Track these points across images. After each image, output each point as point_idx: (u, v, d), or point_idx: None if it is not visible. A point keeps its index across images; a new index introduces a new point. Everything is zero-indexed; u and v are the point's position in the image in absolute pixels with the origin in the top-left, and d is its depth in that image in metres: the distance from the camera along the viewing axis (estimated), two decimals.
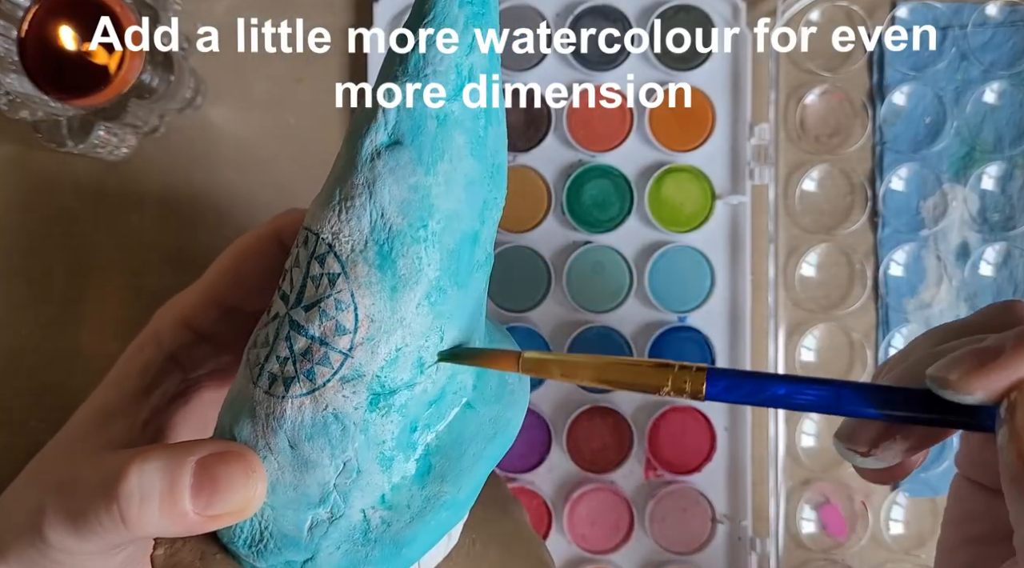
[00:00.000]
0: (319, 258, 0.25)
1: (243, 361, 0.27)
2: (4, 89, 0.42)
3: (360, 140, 0.25)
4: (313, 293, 0.25)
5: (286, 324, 0.25)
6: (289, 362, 0.25)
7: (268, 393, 0.25)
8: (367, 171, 0.24)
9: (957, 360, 0.24)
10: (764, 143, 0.48)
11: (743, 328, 0.48)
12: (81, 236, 0.50)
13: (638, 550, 0.48)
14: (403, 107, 0.25)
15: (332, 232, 0.24)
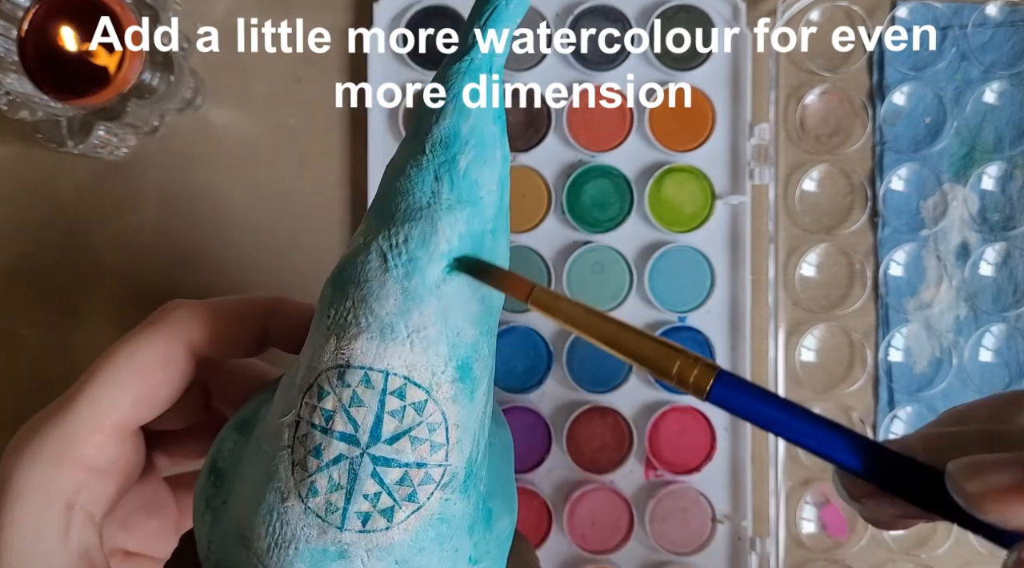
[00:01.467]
0: (396, 393, 0.25)
1: (280, 513, 0.25)
2: (4, 89, 0.42)
3: (418, 270, 0.25)
4: (397, 426, 0.25)
5: (367, 462, 0.25)
6: (383, 495, 0.25)
7: (363, 531, 0.25)
8: (435, 301, 0.25)
9: (984, 466, 0.21)
10: (764, 143, 0.48)
11: (743, 328, 0.48)
12: (81, 236, 0.50)
13: (638, 550, 0.48)
14: (465, 235, 0.25)
15: (407, 366, 0.25)
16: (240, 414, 0.29)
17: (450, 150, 0.25)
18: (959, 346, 0.49)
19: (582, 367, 0.48)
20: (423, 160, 0.25)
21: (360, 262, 0.25)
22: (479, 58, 0.26)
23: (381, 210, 0.26)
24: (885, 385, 0.49)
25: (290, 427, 0.25)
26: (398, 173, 0.26)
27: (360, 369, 0.24)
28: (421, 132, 0.26)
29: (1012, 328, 0.49)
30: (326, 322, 0.25)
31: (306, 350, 0.26)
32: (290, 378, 0.26)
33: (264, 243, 0.50)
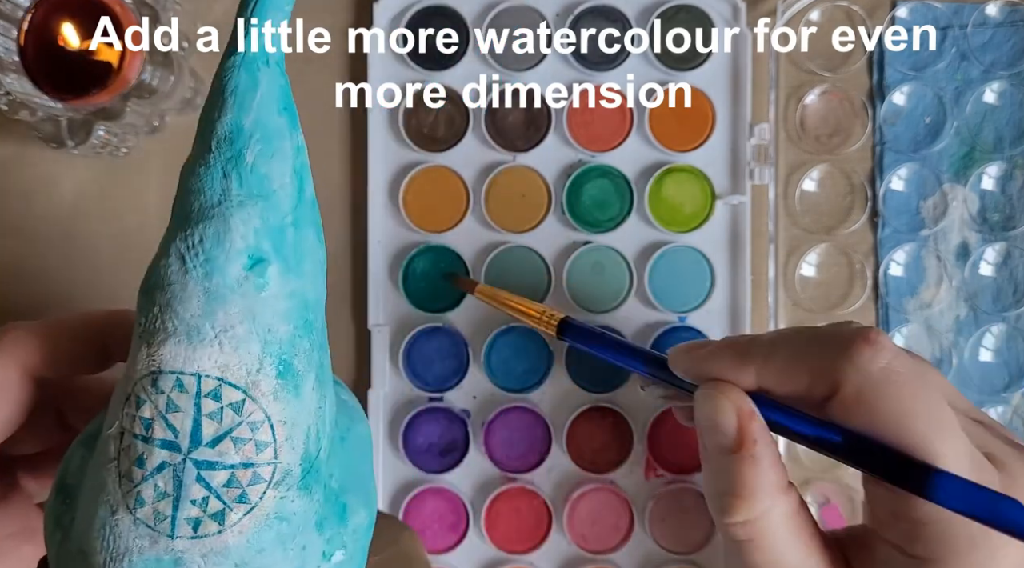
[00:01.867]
0: (211, 394, 0.24)
1: (112, 526, 0.25)
2: (4, 89, 0.42)
3: (217, 269, 0.24)
4: (217, 428, 0.24)
5: (190, 467, 0.24)
6: (211, 498, 0.24)
7: (196, 537, 0.24)
8: (239, 299, 0.24)
9: (684, 346, 0.34)
10: (764, 143, 0.48)
11: (743, 328, 0.48)
12: (81, 236, 0.50)
13: (638, 550, 0.48)
14: (261, 230, 0.25)
15: (218, 366, 0.24)
16: (87, 430, 0.28)
17: (235, 146, 0.25)
18: (959, 346, 0.49)
19: (582, 367, 0.48)
20: (210, 158, 0.25)
21: (162, 266, 0.25)
22: (249, 52, 0.25)
23: (178, 212, 0.26)
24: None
25: (115, 439, 0.25)
26: (189, 173, 0.25)
27: (172, 374, 0.24)
28: (207, 130, 0.25)
29: (1012, 328, 0.49)
30: (138, 330, 0.25)
31: (128, 361, 0.25)
32: (119, 389, 0.26)
33: None
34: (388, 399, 0.49)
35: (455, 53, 0.49)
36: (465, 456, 0.48)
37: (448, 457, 0.49)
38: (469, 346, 0.49)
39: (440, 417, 0.49)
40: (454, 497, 0.48)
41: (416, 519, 0.48)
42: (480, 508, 0.48)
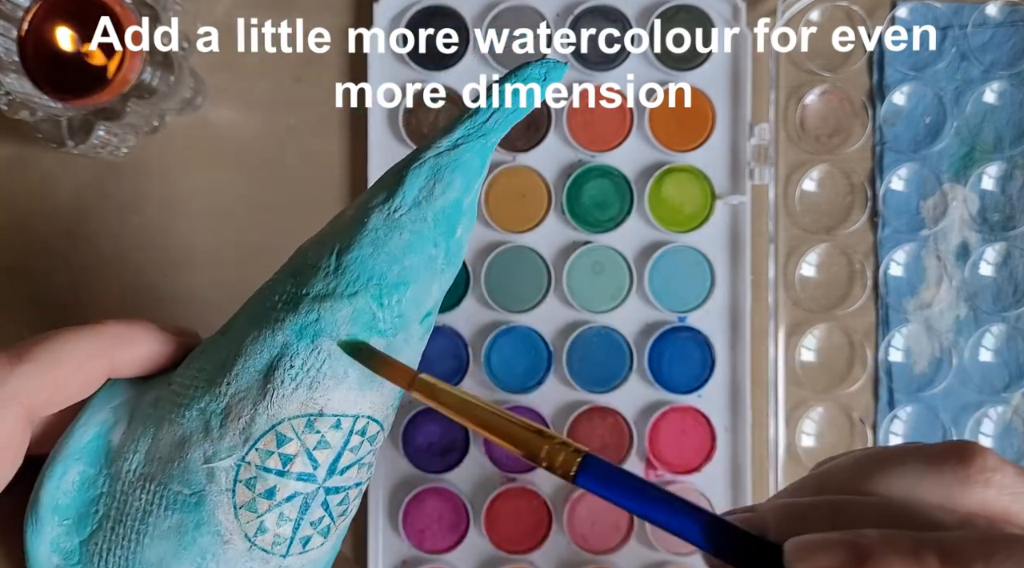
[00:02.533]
0: (360, 431, 0.26)
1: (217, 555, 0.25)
2: (4, 89, 0.42)
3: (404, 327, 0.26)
4: (351, 458, 0.26)
5: (320, 495, 0.25)
6: (325, 518, 0.26)
7: (303, 552, 0.26)
8: (406, 347, 0.26)
9: (815, 546, 0.21)
10: (764, 143, 0.48)
11: (743, 328, 0.48)
12: (81, 236, 0.50)
13: (638, 550, 0.48)
14: (441, 294, 0.27)
15: (371, 406, 0.26)
16: (75, 443, 0.27)
17: (451, 222, 0.26)
18: (959, 346, 0.49)
19: (582, 367, 0.48)
20: (424, 228, 0.26)
21: (341, 316, 0.25)
22: (492, 141, 0.27)
23: (361, 265, 0.25)
24: (885, 385, 0.49)
25: (227, 471, 0.25)
26: (386, 232, 0.26)
27: (333, 416, 0.25)
28: (421, 200, 0.26)
29: (1012, 328, 0.49)
30: (289, 369, 0.25)
31: (235, 389, 0.25)
32: (197, 414, 0.25)
33: (264, 243, 0.50)
34: None
35: (455, 53, 0.49)
36: (465, 456, 0.48)
37: (448, 457, 0.49)
38: (469, 346, 0.49)
39: (440, 417, 0.49)
40: (454, 497, 0.48)
41: (416, 519, 0.48)
42: (480, 508, 0.48)
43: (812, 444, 0.49)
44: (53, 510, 0.26)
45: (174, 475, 0.25)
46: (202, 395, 0.26)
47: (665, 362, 0.49)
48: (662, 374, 0.48)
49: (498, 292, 0.48)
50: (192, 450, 0.25)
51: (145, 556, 0.25)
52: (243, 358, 0.25)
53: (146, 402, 0.27)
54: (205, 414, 0.25)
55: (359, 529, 0.49)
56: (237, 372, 0.25)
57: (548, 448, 0.23)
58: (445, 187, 0.26)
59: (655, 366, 0.48)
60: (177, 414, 0.26)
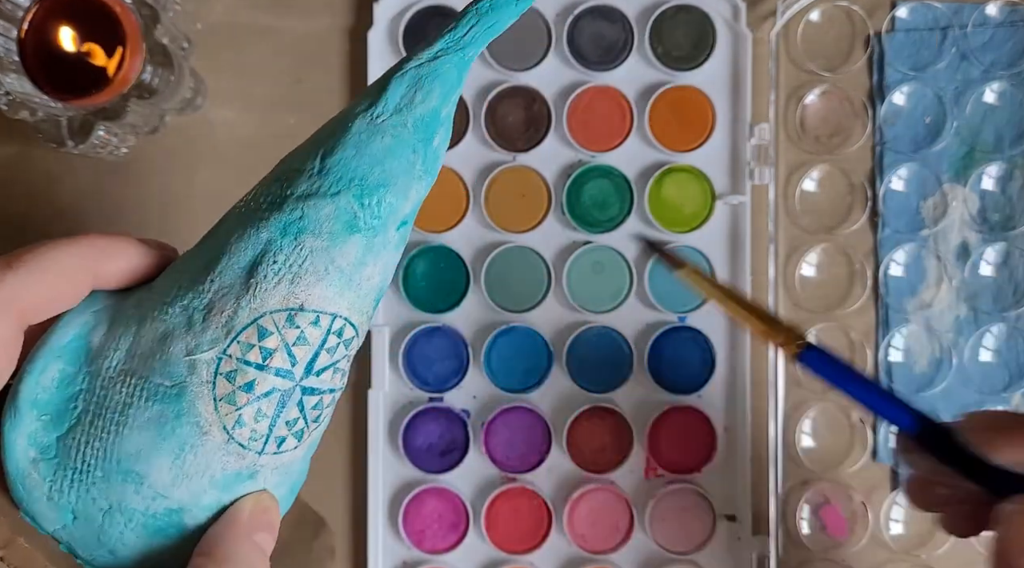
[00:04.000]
0: (337, 332, 0.27)
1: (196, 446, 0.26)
2: (4, 89, 0.42)
3: (383, 228, 0.27)
4: (327, 360, 0.27)
5: (296, 393, 0.26)
6: (300, 419, 0.27)
7: (277, 453, 0.27)
8: (385, 254, 0.27)
9: (990, 415, 0.26)
10: (764, 143, 0.48)
11: (743, 328, 0.48)
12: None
13: (638, 550, 0.48)
14: (419, 201, 0.28)
15: (349, 308, 0.27)
16: (55, 342, 0.27)
17: (429, 129, 0.28)
18: (959, 346, 0.49)
19: (582, 367, 0.48)
20: (403, 133, 0.27)
21: (324, 214, 0.26)
22: (470, 55, 0.28)
23: (344, 166, 0.27)
24: (885, 385, 0.49)
25: (209, 364, 0.26)
26: (368, 136, 0.27)
27: (312, 312, 0.26)
28: (402, 107, 0.27)
29: (1012, 328, 0.49)
30: (272, 264, 0.26)
31: (218, 286, 0.26)
32: (180, 311, 0.26)
33: None
34: (388, 399, 0.49)
35: None
36: (465, 456, 0.48)
37: (448, 457, 0.49)
38: (469, 346, 0.49)
39: (440, 417, 0.49)
40: (454, 497, 0.48)
41: (416, 519, 0.48)
42: (480, 508, 0.48)
43: (812, 444, 0.49)
44: (32, 405, 0.27)
45: (155, 368, 0.26)
46: (185, 293, 0.27)
47: (665, 362, 0.49)
48: (662, 374, 0.48)
49: (498, 292, 0.48)
50: (174, 344, 0.26)
51: (124, 447, 0.26)
52: (227, 256, 0.27)
53: (128, 305, 0.28)
54: (188, 310, 0.26)
55: (359, 529, 0.49)
56: (221, 269, 0.27)
57: (783, 336, 0.31)
58: (425, 95, 0.27)
59: (655, 366, 0.48)
60: (160, 312, 0.27)
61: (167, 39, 0.45)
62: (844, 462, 0.49)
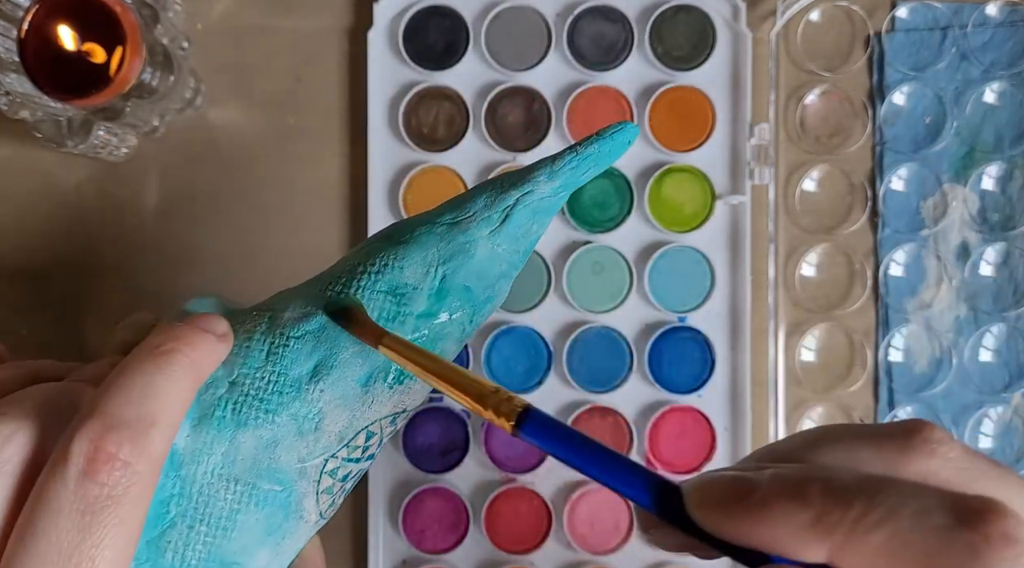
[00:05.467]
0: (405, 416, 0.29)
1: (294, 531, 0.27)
2: (4, 89, 0.42)
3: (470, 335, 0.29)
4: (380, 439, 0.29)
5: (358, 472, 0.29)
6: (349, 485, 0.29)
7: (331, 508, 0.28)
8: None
9: (708, 482, 0.22)
10: (764, 143, 0.48)
11: (743, 328, 0.48)
12: (81, 236, 0.50)
13: (638, 550, 0.48)
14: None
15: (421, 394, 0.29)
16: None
17: (528, 253, 0.30)
18: (959, 346, 0.49)
19: (582, 367, 0.48)
20: (515, 259, 0.29)
21: (443, 334, 0.28)
22: (556, 201, 0.30)
23: (464, 293, 0.28)
24: (885, 385, 0.49)
25: (317, 467, 0.27)
26: (491, 263, 0.29)
27: (406, 410, 0.28)
28: (518, 236, 0.29)
29: (1012, 328, 0.49)
30: (389, 380, 0.27)
31: (333, 398, 0.27)
32: (293, 420, 0.26)
33: (264, 243, 0.50)
34: None
35: (455, 53, 0.49)
36: (465, 456, 0.48)
37: (448, 457, 0.49)
38: (469, 346, 0.49)
39: (440, 417, 0.49)
40: (454, 497, 0.48)
41: (416, 519, 0.48)
42: (480, 508, 0.48)
43: None
44: None
45: (263, 474, 0.26)
46: (291, 402, 0.26)
47: (665, 362, 0.49)
48: (662, 374, 0.48)
49: None
50: (284, 452, 0.26)
51: (230, 547, 0.26)
52: (338, 368, 0.27)
53: (206, 403, 0.27)
54: (297, 419, 0.26)
55: (359, 529, 0.49)
56: (333, 380, 0.27)
57: (493, 399, 0.24)
58: (540, 227, 0.29)
59: (655, 366, 0.48)
60: (265, 420, 0.26)
61: (167, 39, 0.45)
62: None
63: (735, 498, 0.21)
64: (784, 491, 0.20)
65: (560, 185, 0.28)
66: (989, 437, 0.49)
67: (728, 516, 0.21)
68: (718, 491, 0.21)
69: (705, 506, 0.21)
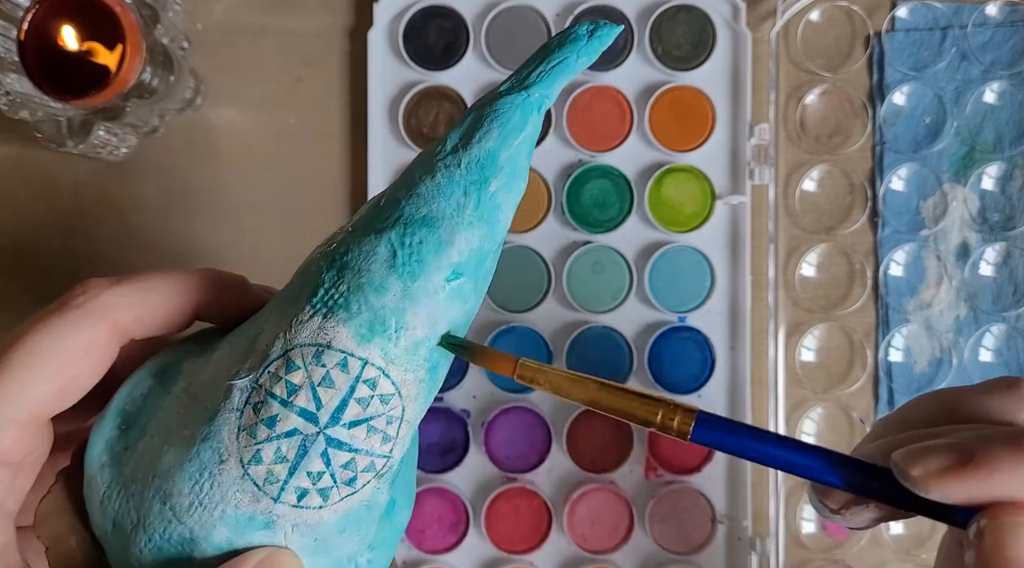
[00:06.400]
0: (369, 382, 0.25)
1: (214, 474, 0.26)
2: (4, 89, 0.42)
3: (424, 273, 0.25)
4: (360, 413, 0.25)
5: (320, 441, 0.25)
6: (326, 475, 0.25)
7: (297, 506, 0.25)
8: (431, 305, 0.26)
9: (923, 453, 0.23)
10: (764, 143, 0.48)
11: (743, 328, 0.48)
12: (81, 236, 0.50)
13: (638, 550, 0.48)
14: (475, 252, 0.26)
15: (385, 359, 0.25)
16: (158, 362, 0.28)
17: (484, 172, 0.26)
18: (959, 346, 0.49)
19: (582, 367, 0.48)
20: (456, 173, 0.26)
21: (365, 251, 0.25)
22: (536, 97, 0.27)
23: (396, 206, 0.26)
24: (885, 385, 0.49)
25: (242, 391, 0.25)
26: (423, 176, 0.26)
27: (340, 352, 0.25)
28: (458, 147, 0.26)
29: (1012, 328, 0.49)
30: (311, 298, 0.25)
31: (273, 317, 0.26)
32: (244, 340, 0.26)
33: (264, 243, 0.50)
34: None
35: (455, 53, 0.49)
36: (465, 456, 0.48)
37: (448, 457, 0.49)
38: None
39: (440, 417, 0.49)
40: (454, 497, 0.48)
41: (416, 519, 0.48)
42: (480, 508, 0.48)
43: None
44: (117, 413, 0.27)
45: (207, 391, 0.26)
46: (250, 324, 0.27)
47: (665, 362, 0.49)
48: (662, 374, 0.48)
49: (498, 292, 0.48)
50: (226, 368, 0.26)
51: (162, 462, 0.26)
52: (286, 288, 0.27)
53: (225, 337, 0.28)
54: (243, 336, 0.26)
55: None
56: (277, 300, 0.26)
57: (662, 413, 0.24)
58: (482, 136, 0.26)
59: (655, 366, 0.48)
60: (231, 337, 0.27)
61: (167, 39, 0.45)
62: None
63: (960, 461, 0.23)
64: (1004, 446, 0.23)
65: (501, 88, 0.27)
66: None
67: (958, 479, 0.23)
68: (941, 459, 0.23)
69: (930, 476, 0.23)
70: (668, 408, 0.24)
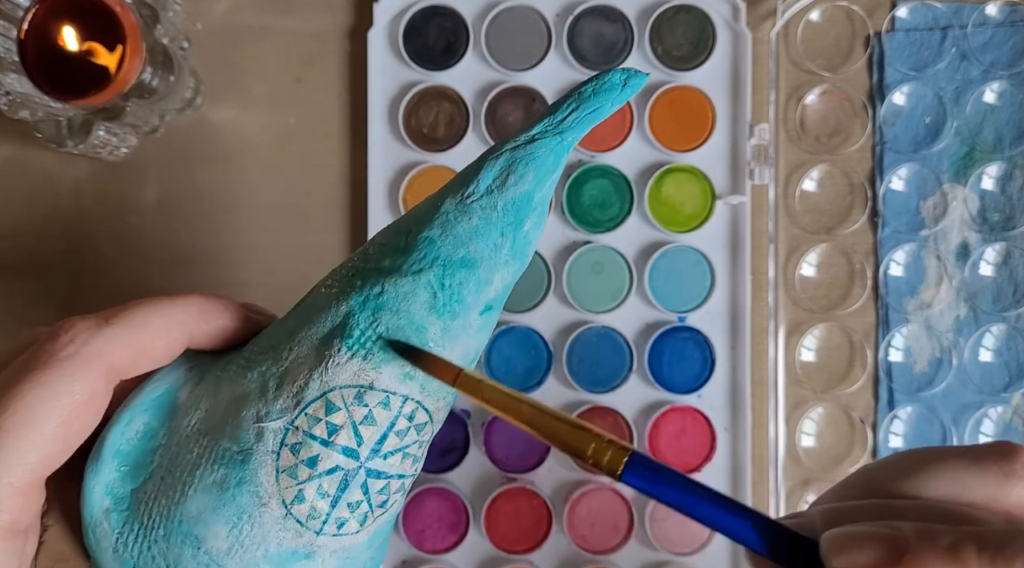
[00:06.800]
0: (408, 415, 0.26)
1: (254, 516, 0.25)
2: (4, 89, 0.42)
3: (463, 312, 0.26)
4: (397, 443, 0.26)
5: (360, 474, 0.26)
6: (363, 503, 0.26)
7: (337, 535, 0.26)
8: (465, 339, 0.26)
9: (853, 540, 0.22)
10: (764, 143, 0.48)
11: (743, 328, 0.48)
12: (81, 236, 0.50)
13: (638, 550, 0.48)
14: (505, 287, 0.27)
15: (422, 393, 0.26)
16: (146, 396, 0.28)
17: (520, 213, 0.27)
18: (959, 346, 0.49)
19: (582, 367, 0.48)
20: (493, 215, 0.27)
21: (403, 292, 0.26)
22: (569, 141, 0.28)
23: (431, 246, 0.26)
24: (885, 385, 0.49)
25: (276, 433, 0.25)
26: (458, 217, 0.27)
27: (382, 392, 0.25)
28: (493, 188, 0.27)
29: (1012, 328, 0.49)
30: (346, 339, 0.25)
31: (292, 354, 0.26)
32: (259, 376, 0.26)
33: (264, 243, 0.50)
34: None
35: (455, 53, 0.49)
36: (465, 456, 0.48)
37: (448, 457, 0.49)
38: None
39: None
40: (454, 497, 0.48)
41: (416, 519, 0.48)
42: (480, 508, 0.48)
43: (812, 444, 0.49)
44: (114, 454, 0.27)
45: (226, 432, 0.26)
46: (265, 359, 0.26)
47: (665, 362, 0.49)
48: (662, 374, 0.48)
49: None
50: (247, 409, 0.26)
51: (187, 507, 0.26)
52: (308, 326, 0.26)
53: (217, 366, 0.28)
54: (264, 376, 0.26)
55: None
56: (300, 339, 0.26)
57: (595, 446, 0.23)
58: (517, 179, 0.27)
59: (655, 366, 0.48)
60: (240, 376, 0.27)
61: (167, 39, 0.45)
62: (844, 462, 0.49)
63: (887, 559, 0.21)
64: (937, 552, 0.21)
65: (535, 132, 0.27)
66: (989, 437, 0.49)
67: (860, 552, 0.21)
68: (868, 550, 0.21)
69: (851, 562, 0.21)
70: (602, 443, 0.23)
